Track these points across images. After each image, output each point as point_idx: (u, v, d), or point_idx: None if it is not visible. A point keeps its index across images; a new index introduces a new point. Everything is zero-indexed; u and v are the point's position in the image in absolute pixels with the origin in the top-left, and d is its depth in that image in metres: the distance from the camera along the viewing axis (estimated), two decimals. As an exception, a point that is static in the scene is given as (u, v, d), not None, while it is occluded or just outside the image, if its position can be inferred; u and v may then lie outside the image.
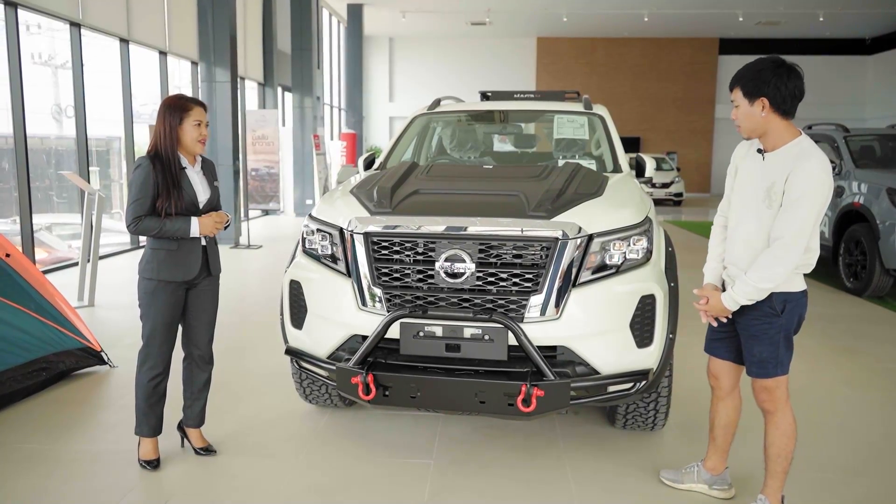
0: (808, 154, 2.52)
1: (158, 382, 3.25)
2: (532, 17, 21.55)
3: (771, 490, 2.77)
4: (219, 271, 3.37)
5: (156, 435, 3.32)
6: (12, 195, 8.06)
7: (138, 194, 3.07)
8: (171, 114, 3.11)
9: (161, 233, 3.08)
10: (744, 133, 2.68)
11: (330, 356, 3.23)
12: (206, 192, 3.25)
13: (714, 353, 2.96)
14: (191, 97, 3.22)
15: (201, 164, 3.29)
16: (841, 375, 4.79)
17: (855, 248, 7.49)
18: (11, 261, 4.33)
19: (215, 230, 3.20)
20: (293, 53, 15.95)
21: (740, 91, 2.61)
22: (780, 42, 23.82)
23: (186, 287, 3.24)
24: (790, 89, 2.53)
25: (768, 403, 2.73)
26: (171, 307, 3.18)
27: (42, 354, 4.19)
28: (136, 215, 3.07)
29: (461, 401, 2.93)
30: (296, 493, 3.10)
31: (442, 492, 3.11)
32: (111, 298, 6.74)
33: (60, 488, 3.11)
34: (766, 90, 2.54)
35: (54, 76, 9.37)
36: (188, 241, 3.17)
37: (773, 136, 2.60)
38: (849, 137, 8.14)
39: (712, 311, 2.78)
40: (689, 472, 3.11)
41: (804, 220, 2.50)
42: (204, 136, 3.20)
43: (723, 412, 2.99)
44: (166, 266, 3.13)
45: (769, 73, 2.53)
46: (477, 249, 3.04)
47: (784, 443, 2.72)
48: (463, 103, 5.36)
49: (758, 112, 2.57)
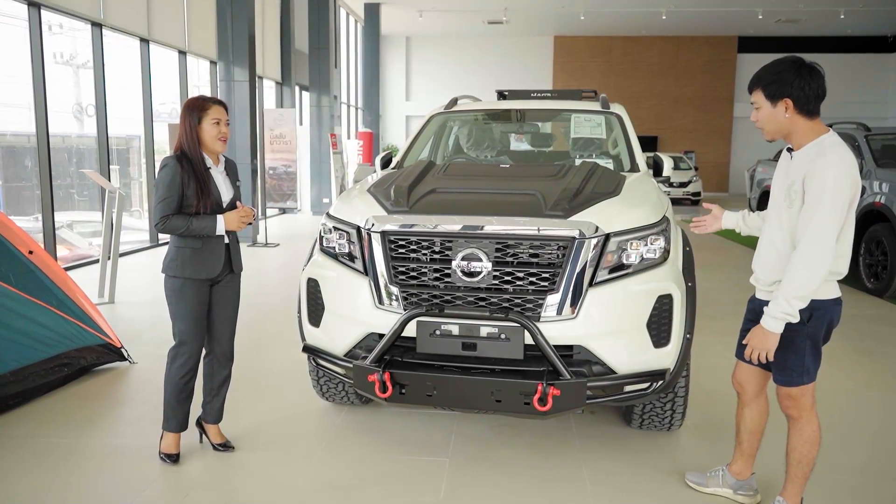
0: (828, 150, 2.45)
1: (189, 379, 3.30)
2: (549, 16, 21.49)
3: (790, 494, 2.75)
4: (241, 269, 3.42)
5: (181, 430, 3.38)
6: (34, 193, 8.17)
7: (165, 193, 3.11)
8: (191, 114, 3.18)
9: (188, 231, 3.13)
10: (767, 136, 2.63)
11: (347, 354, 3.25)
12: (229, 191, 3.31)
13: (743, 359, 2.87)
14: (210, 97, 3.29)
15: (224, 165, 3.35)
16: (862, 377, 4.74)
17: (876, 248, 7.40)
18: (34, 258, 4.40)
19: (242, 225, 3.24)
20: (310, 53, 16.02)
21: (762, 93, 2.56)
22: (801, 40, 23.54)
23: (210, 284, 3.29)
24: (813, 89, 2.48)
25: (793, 410, 2.69)
26: (198, 304, 3.23)
27: (63, 350, 4.25)
28: (163, 214, 3.11)
29: (477, 399, 2.94)
30: (313, 489, 3.13)
31: (459, 488, 3.13)
32: (131, 295, 6.81)
33: (82, 482, 3.16)
34: (789, 91, 2.49)
35: (75, 76, 9.49)
36: (213, 238, 3.21)
37: (799, 135, 2.55)
38: (870, 136, 8.05)
39: (758, 347, 2.57)
40: (715, 476, 3.08)
41: (825, 219, 2.41)
42: (224, 133, 3.24)
43: (748, 417, 2.95)
44: (191, 264, 3.18)
45: (791, 74, 2.48)
46: (494, 248, 3.05)
47: (807, 449, 2.69)
48: (480, 102, 5.36)
49: (781, 113, 2.53)
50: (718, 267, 9.08)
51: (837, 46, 23.64)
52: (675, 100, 24.79)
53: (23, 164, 8.61)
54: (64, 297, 4.46)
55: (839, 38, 23.66)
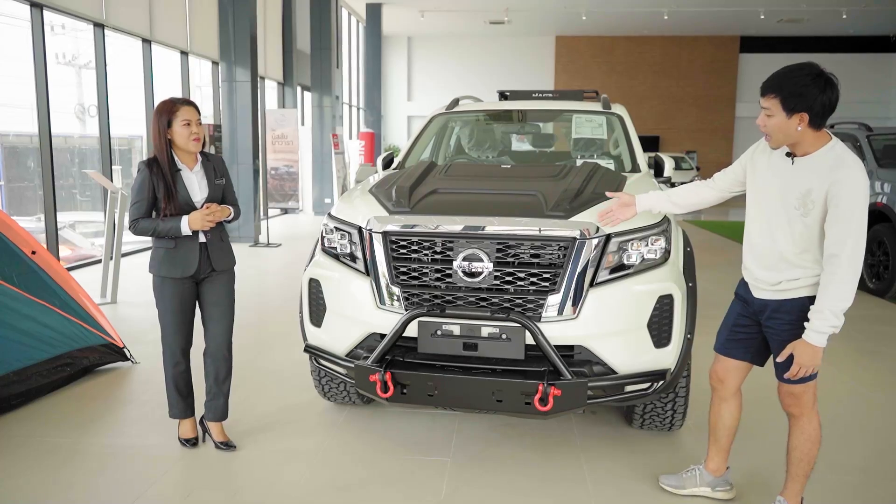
0: (846, 162, 2.44)
1: (181, 370, 3.42)
2: (551, 16, 21.49)
3: (791, 493, 2.75)
4: (227, 266, 3.43)
5: (186, 417, 3.51)
6: (36, 193, 8.20)
7: (136, 197, 3.23)
8: (160, 117, 3.21)
9: (156, 233, 3.23)
10: (773, 143, 2.57)
11: (348, 354, 3.26)
12: (203, 190, 3.32)
13: (729, 354, 2.88)
14: (180, 98, 3.29)
15: (202, 163, 3.36)
16: (864, 377, 4.74)
17: (877, 248, 7.40)
18: (37, 258, 4.41)
19: (206, 224, 3.24)
20: (312, 53, 16.03)
21: (780, 103, 2.47)
22: (802, 40, 23.53)
23: (194, 282, 3.36)
24: (832, 104, 2.45)
25: (794, 408, 2.69)
26: (177, 301, 3.31)
27: (66, 350, 4.27)
28: (132, 218, 3.25)
29: (478, 399, 2.95)
30: (315, 488, 3.14)
31: (461, 488, 3.13)
32: (133, 295, 6.83)
33: (85, 481, 3.17)
34: (809, 105, 2.43)
35: (77, 76, 9.51)
36: (186, 239, 3.27)
37: (805, 144, 2.52)
38: (872, 136, 8.04)
39: (808, 364, 2.51)
40: (691, 477, 3.07)
41: (860, 229, 2.43)
42: (196, 133, 3.25)
43: (727, 414, 2.95)
44: (166, 263, 3.29)
45: (815, 90, 2.41)
46: (495, 249, 3.06)
47: (808, 448, 2.69)
48: (481, 103, 5.36)
49: (794, 126, 2.47)
50: (719, 267, 9.08)
51: (839, 46, 23.62)
52: (677, 100, 24.79)
53: (25, 164, 8.63)
54: (67, 297, 4.47)
55: (841, 38, 23.64)
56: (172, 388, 3.45)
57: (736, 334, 2.86)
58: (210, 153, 3.42)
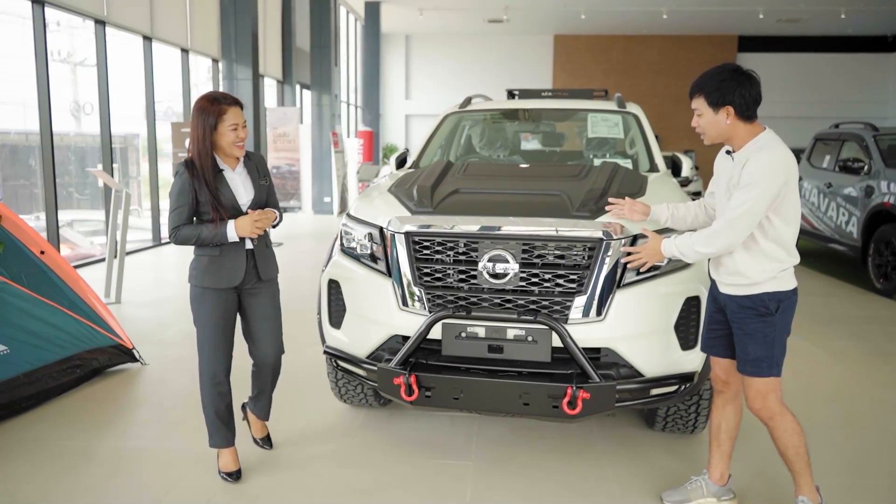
0: (763, 147, 2.56)
1: (223, 392, 3.10)
2: (550, 15, 21.43)
3: (805, 489, 2.74)
4: (273, 275, 3.22)
5: (231, 445, 3.17)
6: (34, 191, 8.11)
7: (176, 203, 2.94)
8: (205, 118, 2.89)
9: (199, 241, 2.94)
10: (707, 140, 2.74)
11: (370, 356, 3.20)
12: (248, 192, 3.05)
13: (712, 352, 2.87)
14: (225, 96, 2.96)
15: (244, 162, 3.09)
16: (874, 378, 4.72)
17: (885, 248, 7.38)
18: (45, 258, 4.34)
19: (256, 231, 2.97)
20: (312, 51, 15.95)
21: (704, 100, 2.64)
22: (801, 40, 23.55)
23: (237, 293, 3.12)
24: (753, 96, 2.59)
25: (763, 411, 2.70)
26: (218, 314, 3.03)
27: (76, 351, 4.20)
28: (174, 225, 2.94)
29: (505, 402, 2.90)
30: (334, 492, 3.08)
31: (485, 492, 3.09)
32: (136, 295, 6.75)
33: (99, 486, 3.11)
34: (731, 98, 2.58)
35: (75, 73, 9.41)
36: (231, 245, 3.00)
37: (739, 139, 2.64)
38: (878, 136, 8.02)
39: (644, 257, 2.83)
40: (696, 489, 2.97)
41: (750, 202, 2.49)
42: (242, 138, 2.97)
43: (731, 415, 2.92)
44: (209, 273, 3.00)
45: (733, 83, 2.58)
46: (520, 249, 3.01)
47: (796, 441, 2.69)
48: (494, 102, 5.31)
49: (723, 120, 2.62)
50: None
51: (838, 46, 23.64)
52: (676, 99, 24.72)
53: (25, 162, 8.54)
54: (75, 297, 4.40)
55: (840, 38, 23.65)
56: (212, 414, 3.09)
57: (713, 332, 2.86)
58: (250, 151, 3.15)
